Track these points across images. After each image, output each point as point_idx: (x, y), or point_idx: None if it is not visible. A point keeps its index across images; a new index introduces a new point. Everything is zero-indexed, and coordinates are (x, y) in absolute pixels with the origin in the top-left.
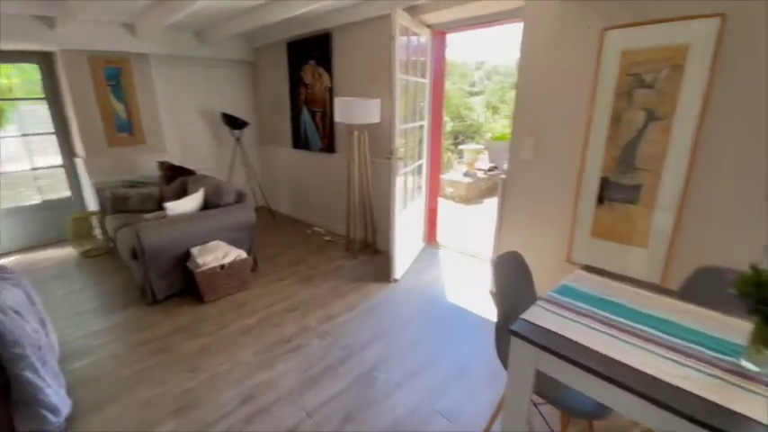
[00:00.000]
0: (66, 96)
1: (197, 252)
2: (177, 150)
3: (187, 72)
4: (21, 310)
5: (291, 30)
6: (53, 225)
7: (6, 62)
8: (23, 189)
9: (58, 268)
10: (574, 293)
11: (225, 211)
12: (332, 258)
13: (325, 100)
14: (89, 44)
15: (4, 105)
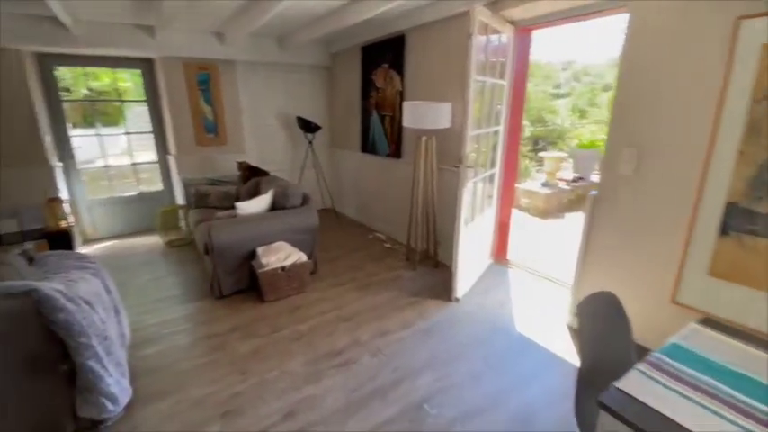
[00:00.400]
0: (163, 99)
1: (261, 252)
2: (255, 151)
3: (268, 77)
4: (92, 300)
5: (366, 34)
6: (146, 215)
7: (117, 67)
8: (125, 181)
9: (146, 256)
10: (687, 357)
11: (290, 213)
12: (391, 267)
13: (395, 104)
14: (184, 51)
15: (120, 106)
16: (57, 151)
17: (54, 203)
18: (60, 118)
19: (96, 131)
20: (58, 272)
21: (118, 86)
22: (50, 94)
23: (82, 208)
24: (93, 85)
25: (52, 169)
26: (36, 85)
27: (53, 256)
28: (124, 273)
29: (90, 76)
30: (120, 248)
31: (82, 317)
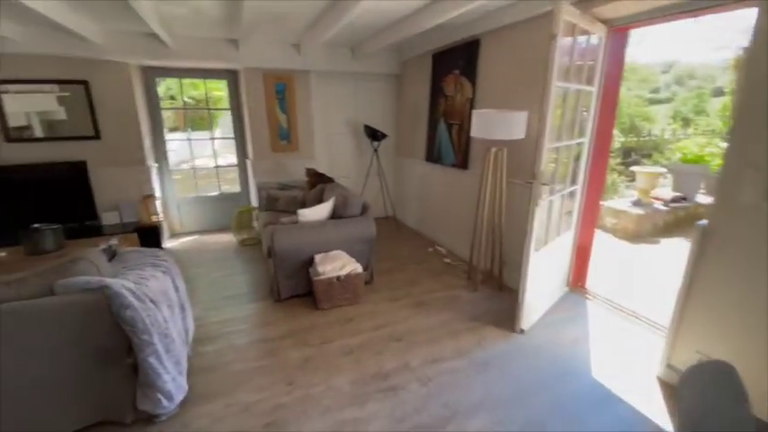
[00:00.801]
0: (244, 107)
1: (319, 260)
2: (324, 158)
3: (340, 86)
4: (158, 299)
5: (438, 40)
6: (224, 214)
7: (208, 78)
8: (209, 182)
9: (221, 252)
10: None
11: (349, 222)
12: (450, 285)
13: (464, 112)
14: (264, 62)
15: (210, 113)
16: (154, 153)
17: (148, 200)
18: (159, 123)
19: (188, 136)
20: (134, 269)
21: (212, 95)
22: (151, 103)
23: (171, 205)
24: (192, 94)
25: (149, 169)
26: (140, 94)
27: (133, 252)
28: (199, 267)
29: (190, 87)
30: (200, 243)
31: (146, 314)
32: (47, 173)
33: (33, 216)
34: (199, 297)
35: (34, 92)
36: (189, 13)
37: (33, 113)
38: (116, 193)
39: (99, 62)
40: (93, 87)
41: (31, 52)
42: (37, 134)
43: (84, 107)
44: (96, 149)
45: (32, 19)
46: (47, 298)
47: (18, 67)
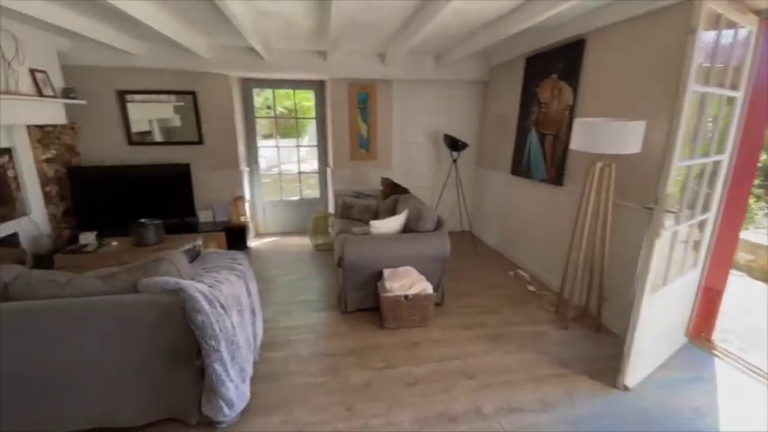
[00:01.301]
0: (328, 116)
1: (388, 275)
2: (401, 167)
3: (421, 94)
4: (229, 304)
5: (533, 42)
6: (303, 219)
7: (297, 89)
8: (292, 187)
9: (297, 255)
10: None
11: (422, 237)
12: (533, 318)
13: (561, 121)
14: (349, 73)
15: (301, 122)
16: (246, 158)
17: (238, 202)
18: (252, 131)
19: (276, 143)
20: (211, 271)
21: (301, 105)
22: (247, 111)
23: (258, 207)
24: (285, 104)
25: (241, 173)
26: (238, 103)
27: (213, 254)
28: (276, 269)
29: (284, 97)
30: (279, 245)
31: (216, 320)
32: (157, 173)
33: (144, 210)
34: (272, 299)
35: (155, 101)
36: (283, 26)
37: (155, 120)
38: (211, 194)
39: (205, 74)
40: (200, 97)
41: (152, 66)
42: (156, 139)
43: (191, 115)
44: (198, 153)
45: (154, 37)
46: (131, 295)
47: (143, 79)
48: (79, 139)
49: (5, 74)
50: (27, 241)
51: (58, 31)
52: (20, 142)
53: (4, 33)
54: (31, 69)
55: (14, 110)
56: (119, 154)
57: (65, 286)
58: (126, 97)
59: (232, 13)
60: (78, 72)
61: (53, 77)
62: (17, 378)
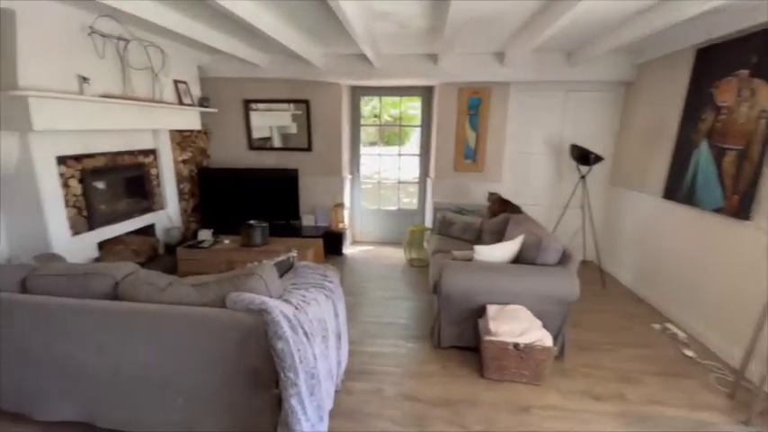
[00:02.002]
0: (433, 124)
1: (493, 313)
2: (511, 181)
3: (545, 98)
4: (314, 330)
5: (708, 30)
6: (398, 230)
7: (404, 95)
8: (390, 196)
9: (389, 269)
10: None
11: (540, 272)
12: (694, 399)
13: (754, 132)
14: (461, 76)
15: (405, 130)
16: (349, 165)
17: (338, 208)
18: (357, 139)
19: (378, 151)
20: (300, 287)
21: (405, 113)
22: (354, 119)
23: (356, 214)
24: (391, 113)
25: (343, 180)
26: (346, 111)
27: (305, 267)
28: (366, 282)
29: (390, 105)
30: (373, 255)
31: (297, 349)
32: (270, 176)
33: (256, 210)
34: (359, 315)
35: (275, 110)
36: (395, 28)
37: (275, 127)
38: (315, 199)
39: (318, 83)
40: (312, 105)
41: (273, 77)
42: (275, 145)
43: (304, 123)
44: (306, 159)
45: (276, 49)
46: (218, 309)
47: (265, 89)
48: (210, 143)
49: (154, 84)
50: (161, 232)
51: (199, 47)
52: (163, 144)
53: (155, 48)
54: (174, 81)
55: (161, 116)
56: (240, 158)
57: (163, 291)
58: (251, 106)
59: (345, 15)
60: (212, 83)
61: (192, 88)
62: (112, 374)
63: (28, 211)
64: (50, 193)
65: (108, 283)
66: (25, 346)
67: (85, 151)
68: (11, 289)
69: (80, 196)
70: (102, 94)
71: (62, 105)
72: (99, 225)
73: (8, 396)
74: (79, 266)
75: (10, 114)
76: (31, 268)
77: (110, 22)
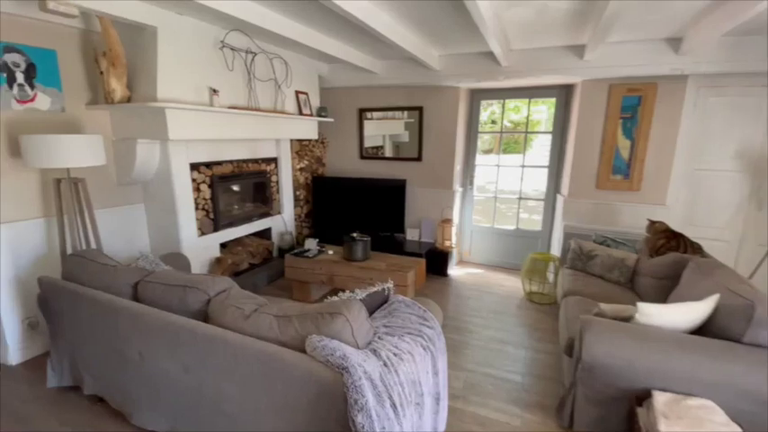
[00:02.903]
0: (571, 130)
1: (663, 406)
2: (680, 206)
3: (738, 96)
4: (403, 398)
5: None
6: (516, 254)
7: (533, 97)
8: (507, 214)
9: (501, 300)
10: None
11: (748, 355)
12: None
13: None
14: (615, 69)
15: (524, 137)
16: (461, 177)
17: (446, 224)
18: (472, 148)
19: (497, 162)
20: (393, 332)
21: (531, 118)
22: (471, 126)
23: (465, 231)
24: (512, 118)
25: (453, 193)
26: (462, 117)
27: (401, 304)
28: (472, 314)
29: (512, 110)
30: (483, 280)
31: (381, 426)
32: (377, 186)
33: (361, 220)
34: (461, 360)
35: (390, 118)
36: (532, 15)
37: (387, 136)
38: (421, 213)
39: (434, 88)
40: (426, 112)
41: (388, 83)
42: (387, 154)
43: (416, 131)
44: (415, 170)
45: (391, 54)
46: (295, 354)
47: (379, 97)
48: (326, 152)
49: (277, 95)
50: (276, 236)
51: (319, 56)
52: (284, 153)
53: (279, 60)
54: (296, 91)
55: (282, 126)
56: (352, 167)
57: (246, 318)
58: (365, 114)
59: (475, 4)
60: (330, 93)
61: (312, 98)
62: (197, 396)
63: (165, 211)
64: (183, 197)
65: (201, 299)
66: (124, 351)
67: (215, 159)
68: (125, 291)
69: (208, 200)
70: (229, 106)
71: (194, 116)
72: (223, 227)
73: (114, 395)
74: (181, 277)
75: (150, 124)
76: (145, 273)
77: (239, 37)
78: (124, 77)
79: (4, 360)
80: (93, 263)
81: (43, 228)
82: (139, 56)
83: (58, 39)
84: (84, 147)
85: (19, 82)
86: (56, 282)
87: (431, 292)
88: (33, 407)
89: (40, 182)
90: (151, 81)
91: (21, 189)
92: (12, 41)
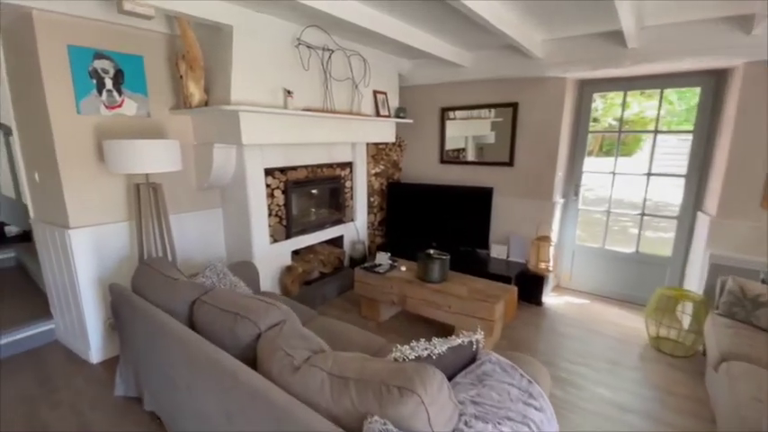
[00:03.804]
0: (723, 130)
1: None
2: None
3: None
4: None
5: None
6: (636, 284)
7: (667, 87)
8: (624, 232)
9: (614, 344)
10: None
11: None
12: None
13: None
14: None
15: (637, 137)
16: (562, 187)
17: (542, 242)
18: (580, 152)
19: (612, 170)
20: (487, 415)
21: (646, 115)
22: (578, 125)
23: (565, 250)
24: (619, 115)
25: (553, 206)
26: (568, 115)
27: (494, 367)
28: (579, 362)
29: (617, 105)
30: (589, 315)
31: None
32: (459, 195)
33: (440, 232)
34: (567, 427)
35: (475, 117)
36: None
37: (470, 137)
38: (510, 227)
39: (533, 81)
40: (521, 109)
41: (477, 78)
42: (469, 158)
43: (507, 132)
44: (505, 176)
45: (483, 44)
46: None
47: (466, 94)
48: (403, 156)
49: (354, 96)
50: (348, 244)
51: (401, 51)
52: (359, 157)
53: (357, 58)
54: (374, 91)
55: (358, 129)
56: (430, 172)
57: (295, 371)
58: (447, 114)
59: None
60: (410, 92)
61: (391, 98)
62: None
63: (239, 217)
64: (257, 203)
65: (251, 333)
66: (175, 379)
67: (289, 164)
68: (181, 311)
69: (282, 206)
70: (304, 108)
71: (268, 119)
72: (295, 234)
73: (167, 420)
74: (235, 301)
75: (225, 128)
76: (203, 290)
77: (316, 33)
78: (202, 81)
79: (87, 357)
80: (158, 274)
81: (128, 231)
82: (215, 58)
83: (145, 44)
84: (160, 152)
85: (108, 88)
86: (122, 291)
87: (520, 325)
88: (98, 414)
89: (126, 186)
90: (225, 83)
91: (108, 193)
92: (101, 48)
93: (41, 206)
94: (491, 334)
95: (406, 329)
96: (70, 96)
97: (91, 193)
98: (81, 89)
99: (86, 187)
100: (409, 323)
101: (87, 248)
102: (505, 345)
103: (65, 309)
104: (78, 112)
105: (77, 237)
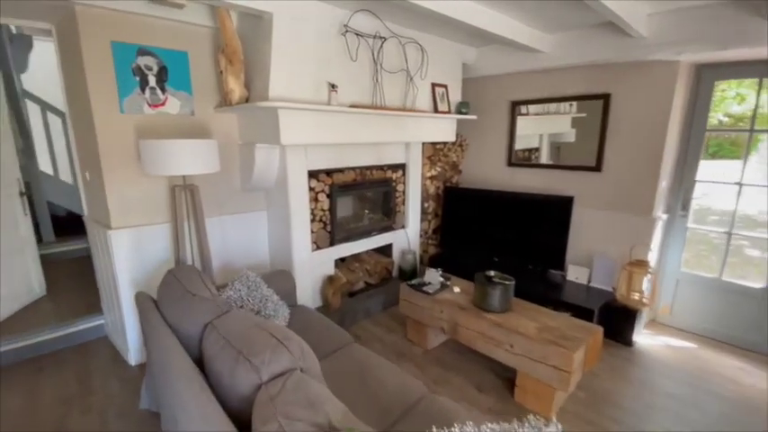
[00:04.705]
0: None
1: None
2: None
3: None
4: None
5: None
6: (760, 327)
7: None
8: (753, 260)
9: (734, 409)
10: None
11: None
12: None
13: None
14: None
15: (758, 135)
16: (667, 198)
17: (637, 267)
18: (693, 155)
19: (739, 178)
20: None
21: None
22: (693, 120)
23: (667, 279)
24: (732, 111)
25: (654, 222)
26: (678, 107)
27: None
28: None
29: (732, 98)
30: (695, 362)
31: None
32: (529, 203)
33: (504, 246)
34: None
35: (552, 113)
36: None
37: (545, 135)
38: (593, 245)
39: (631, 66)
40: (614, 102)
41: (558, 65)
42: (542, 160)
43: (593, 129)
44: (590, 183)
45: (568, 23)
46: None
47: (543, 85)
48: (465, 157)
49: (408, 89)
50: (398, 254)
51: (467, 38)
52: (413, 158)
53: (414, 46)
54: (432, 84)
55: (413, 127)
56: (495, 176)
57: None
58: (518, 109)
59: None
60: (474, 84)
61: (452, 92)
62: None
63: (281, 221)
64: (299, 207)
65: (251, 382)
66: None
67: (335, 165)
68: (194, 332)
69: (326, 211)
70: (350, 104)
71: (310, 117)
72: (340, 241)
73: None
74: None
75: (265, 127)
76: (220, 311)
77: (367, 18)
78: (242, 75)
79: (126, 358)
80: (179, 285)
81: (169, 234)
82: (255, 50)
83: (189, 39)
84: (196, 153)
85: (151, 85)
86: (144, 302)
87: (604, 371)
88: (122, 424)
89: (167, 187)
90: (264, 77)
91: (149, 194)
92: (145, 44)
93: (91, 204)
94: (566, 388)
95: (456, 362)
96: (113, 94)
97: (132, 193)
98: (124, 87)
99: (128, 188)
100: (460, 354)
101: (127, 250)
102: (583, 398)
103: (110, 307)
104: (121, 111)
105: (118, 238)
